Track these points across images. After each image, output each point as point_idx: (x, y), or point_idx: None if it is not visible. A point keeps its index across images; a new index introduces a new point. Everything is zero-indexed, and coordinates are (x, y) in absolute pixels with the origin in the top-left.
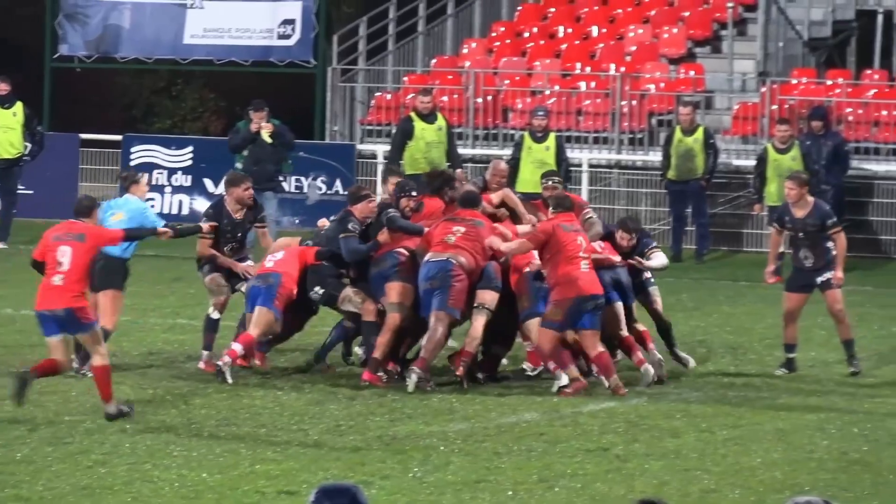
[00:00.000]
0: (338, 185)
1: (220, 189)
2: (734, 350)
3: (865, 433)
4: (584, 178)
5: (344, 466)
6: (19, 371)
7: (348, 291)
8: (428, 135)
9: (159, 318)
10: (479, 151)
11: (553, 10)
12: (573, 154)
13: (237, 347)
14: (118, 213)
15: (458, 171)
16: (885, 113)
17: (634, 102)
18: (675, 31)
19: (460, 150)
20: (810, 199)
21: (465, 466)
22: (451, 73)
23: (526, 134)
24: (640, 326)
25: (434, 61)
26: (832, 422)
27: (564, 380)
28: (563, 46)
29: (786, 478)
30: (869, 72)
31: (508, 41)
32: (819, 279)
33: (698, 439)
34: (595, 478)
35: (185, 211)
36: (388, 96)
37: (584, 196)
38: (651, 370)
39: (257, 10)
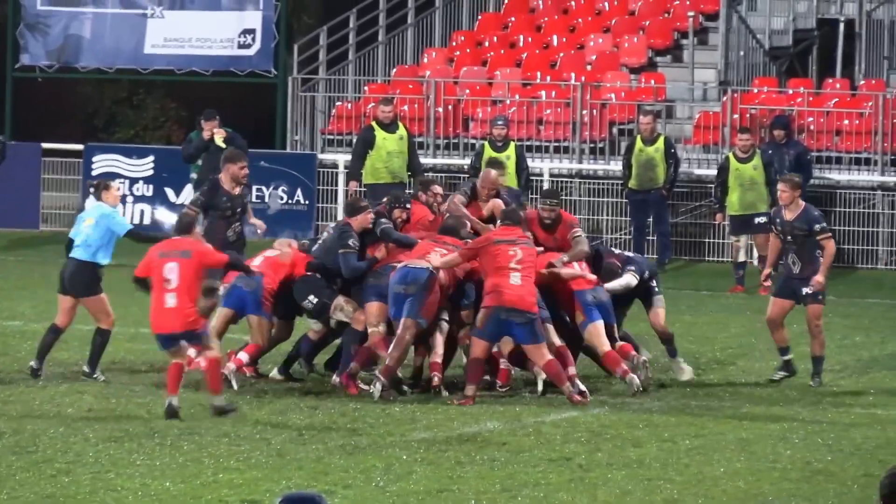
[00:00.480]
0: (298, 194)
1: (182, 199)
2: (696, 359)
3: (829, 443)
4: (545, 187)
5: (307, 475)
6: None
7: (340, 300)
8: (389, 144)
9: (122, 327)
10: (439, 161)
11: (513, 19)
12: (534, 164)
13: (244, 357)
14: (88, 218)
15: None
16: (846, 122)
17: (595, 112)
18: (635, 40)
19: (421, 160)
20: (801, 203)
21: (427, 475)
22: (411, 82)
23: (486, 143)
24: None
25: (394, 70)
26: (795, 431)
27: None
28: (524, 55)
29: (749, 487)
30: (830, 81)
31: (469, 50)
32: (804, 290)
33: (661, 449)
34: (558, 487)
35: (146, 220)
36: (349, 106)
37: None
38: (636, 379)
39: (218, 20)
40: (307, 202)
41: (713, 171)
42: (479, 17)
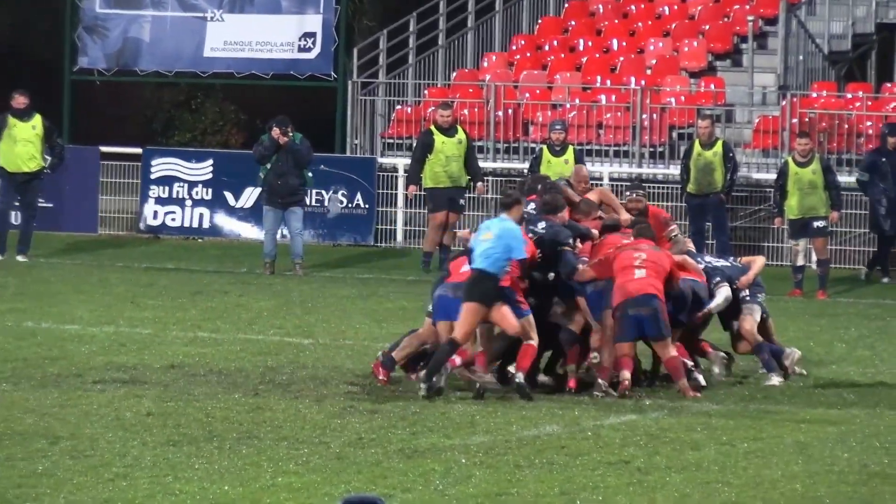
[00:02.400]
0: (358, 198)
1: (240, 202)
2: (755, 363)
3: (886, 446)
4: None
5: (365, 479)
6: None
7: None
8: (448, 148)
9: (181, 331)
10: (499, 165)
11: (573, 23)
12: (593, 168)
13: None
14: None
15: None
16: None
17: (655, 116)
18: (695, 44)
19: (480, 164)
20: None
21: (486, 479)
22: (471, 86)
23: (545, 147)
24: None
25: (454, 74)
26: (853, 434)
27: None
28: (584, 59)
29: (806, 490)
30: (889, 85)
31: (529, 54)
32: None
33: (719, 452)
34: (616, 490)
35: (205, 224)
36: (409, 109)
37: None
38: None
39: (278, 24)
40: (367, 206)
41: (772, 176)
42: (540, 21)
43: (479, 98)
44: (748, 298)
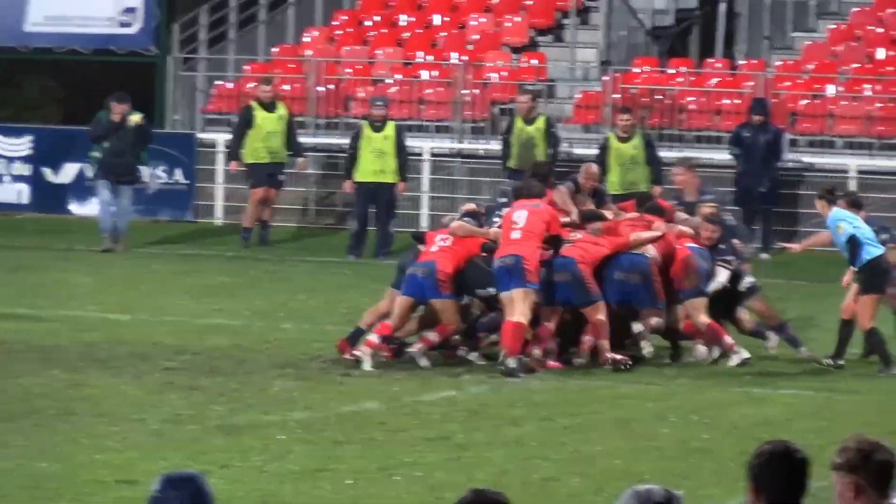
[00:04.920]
0: (178, 174)
1: (61, 179)
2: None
3: (706, 421)
4: (426, 166)
5: (184, 456)
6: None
7: None
8: (269, 124)
9: None
10: (320, 140)
11: None
12: (415, 143)
13: (433, 337)
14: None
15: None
16: (727, 102)
17: (477, 91)
18: (517, 19)
19: (301, 140)
20: None
21: (305, 455)
22: (292, 61)
23: (365, 123)
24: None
25: (275, 50)
26: (673, 410)
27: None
28: (406, 35)
29: (626, 466)
30: (711, 60)
31: (350, 30)
32: None
33: (539, 427)
34: (435, 466)
35: (24, 200)
36: (230, 85)
37: (426, 185)
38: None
39: None
40: (187, 182)
41: (593, 151)
42: None
43: (300, 73)
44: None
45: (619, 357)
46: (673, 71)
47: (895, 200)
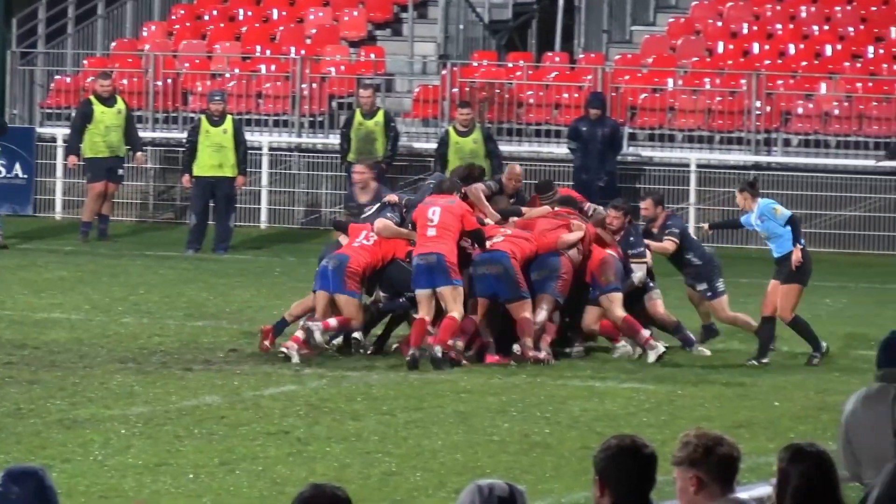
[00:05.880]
0: (17, 168)
1: None
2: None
3: (547, 416)
4: (265, 161)
5: (24, 450)
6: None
7: None
8: (107, 118)
9: None
10: (158, 134)
11: None
12: (253, 137)
13: (332, 322)
14: None
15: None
16: (565, 96)
17: (315, 85)
18: (355, 13)
19: (140, 134)
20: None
21: (146, 450)
22: (130, 56)
23: (203, 117)
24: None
25: (114, 44)
26: (514, 404)
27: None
28: (244, 29)
29: (467, 460)
30: (550, 54)
31: (188, 24)
32: None
33: (379, 422)
34: (276, 461)
35: None
36: (68, 79)
37: (265, 179)
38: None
39: None
40: (26, 176)
41: (433, 145)
42: None
43: (138, 68)
44: (652, 284)
45: (541, 355)
46: (511, 65)
47: (734, 195)
